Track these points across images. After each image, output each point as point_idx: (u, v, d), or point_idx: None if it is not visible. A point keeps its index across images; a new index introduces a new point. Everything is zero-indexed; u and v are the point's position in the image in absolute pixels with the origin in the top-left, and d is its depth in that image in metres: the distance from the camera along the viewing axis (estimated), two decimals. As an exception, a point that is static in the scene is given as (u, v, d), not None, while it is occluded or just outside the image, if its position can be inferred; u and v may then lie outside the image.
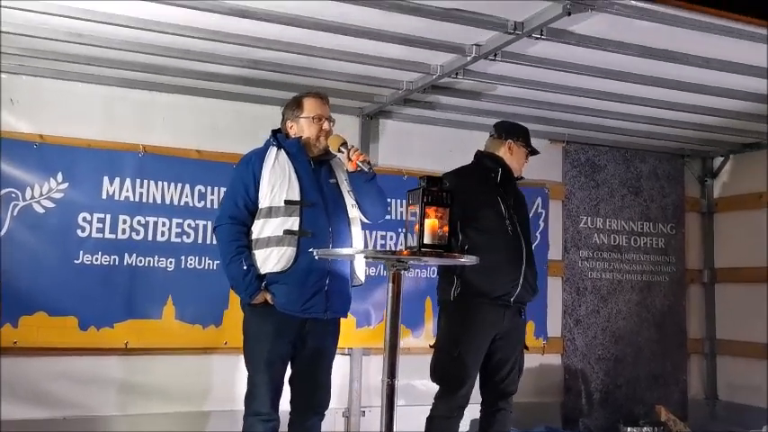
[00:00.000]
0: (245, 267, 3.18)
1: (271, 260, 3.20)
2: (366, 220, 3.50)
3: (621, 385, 5.65)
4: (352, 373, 4.90)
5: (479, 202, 3.65)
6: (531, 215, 4.34)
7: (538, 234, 5.39)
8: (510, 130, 3.86)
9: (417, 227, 2.83)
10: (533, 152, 3.90)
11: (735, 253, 5.93)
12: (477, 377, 3.73)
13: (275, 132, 3.46)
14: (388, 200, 3.87)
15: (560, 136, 5.60)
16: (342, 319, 3.46)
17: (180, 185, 4.50)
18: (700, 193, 6.22)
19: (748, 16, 3.43)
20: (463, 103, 4.72)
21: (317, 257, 3.00)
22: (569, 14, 3.02)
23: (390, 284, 2.86)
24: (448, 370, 3.63)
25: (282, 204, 3.21)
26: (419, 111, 4.97)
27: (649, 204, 5.97)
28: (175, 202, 4.48)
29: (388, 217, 4.54)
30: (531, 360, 5.22)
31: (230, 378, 4.36)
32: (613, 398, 5.62)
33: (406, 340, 4.95)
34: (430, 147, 5.14)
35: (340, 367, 4.81)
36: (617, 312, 5.71)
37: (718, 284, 6.06)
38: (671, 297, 5.93)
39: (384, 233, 5.01)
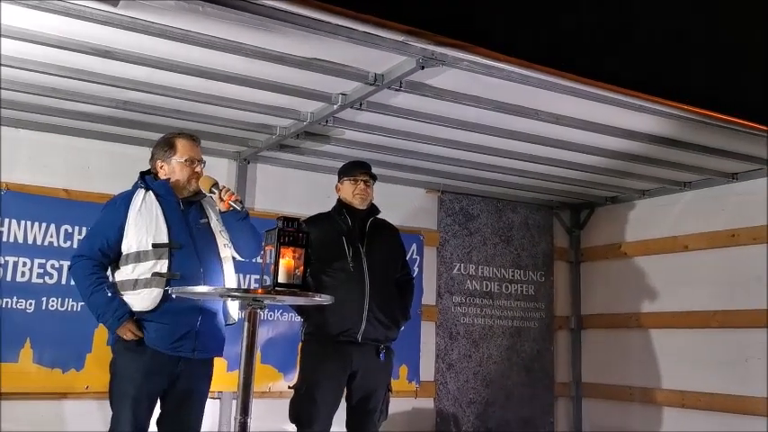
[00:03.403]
0: (109, 294, 3.18)
1: (138, 300, 3.20)
2: (240, 258, 3.55)
3: (492, 428, 5.77)
4: (221, 417, 4.81)
5: (324, 243, 3.77)
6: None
7: (412, 280, 5.51)
8: (338, 174, 4.10)
9: (273, 267, 2.91)
10: (372, 178, 4.01)
11: (599, 300, 6.26)
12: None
13: (143, 174, 3.47)
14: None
15: (436, 185, 5.81)
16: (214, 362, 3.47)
17: (44, 225, 4.38)
18: (568, 243, 6.54)
19: (593, 79, 3.71)
20: (337, 150, 4.82)
21: (173, 296, 3.03)
22: (423, 68, 3.19)
23: (246, 323, 2.93)
24: (299, 408, 3.72)
25: (150, 248, 3.22)
26: (295, 156, 5.04)
27: (520, 253, 6.22)
28: (38, 242, 4.35)
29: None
30: (403, 404, 5.34)
31: (92, 424, 4.21)
32: (484, 441, 5.75)
33: (278, 384, 4.94)
34: (307, 192, 5.18)
35: (209, 411, 4.71)
36: (488, 357, 5.87)
37: (584, 330, 6.35)
38: (540, 342, 6.16)
39: (259, 276, 5.00)
